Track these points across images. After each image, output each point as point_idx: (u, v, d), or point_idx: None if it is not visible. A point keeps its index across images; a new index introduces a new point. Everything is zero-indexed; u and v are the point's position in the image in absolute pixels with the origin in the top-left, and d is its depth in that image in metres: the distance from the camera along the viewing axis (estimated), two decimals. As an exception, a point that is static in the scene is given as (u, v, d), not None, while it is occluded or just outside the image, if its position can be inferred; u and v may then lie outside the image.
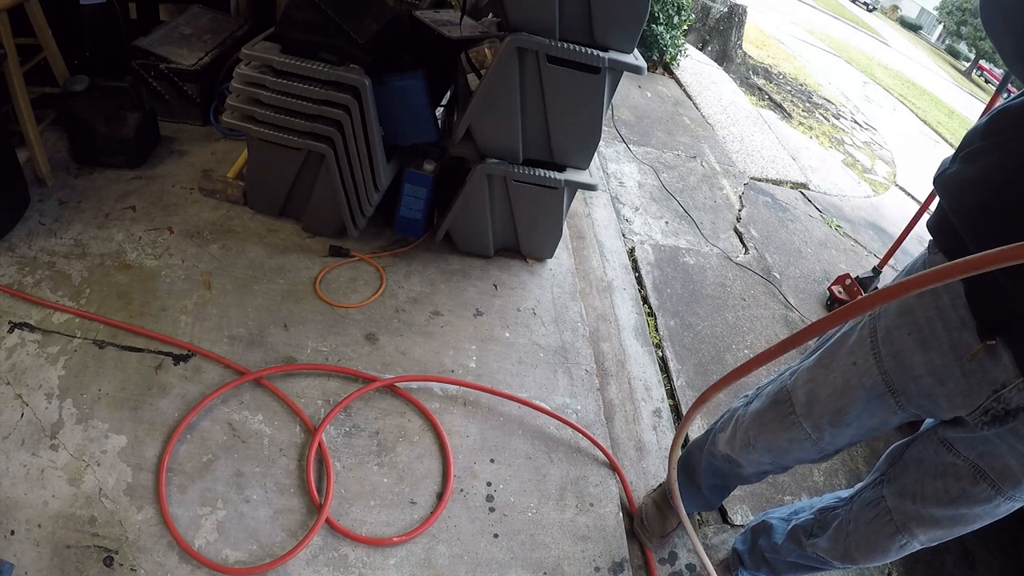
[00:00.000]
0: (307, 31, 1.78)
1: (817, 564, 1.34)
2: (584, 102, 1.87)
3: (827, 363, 1.15)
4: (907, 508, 1.10)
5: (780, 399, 1.24)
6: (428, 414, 1.69)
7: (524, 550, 1.49)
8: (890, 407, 1.07)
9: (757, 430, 1.29)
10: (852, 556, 1.22)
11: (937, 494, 1.03)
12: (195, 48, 2.44)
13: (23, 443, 1.40)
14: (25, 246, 1.84)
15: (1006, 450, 0.93)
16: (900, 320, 1.02)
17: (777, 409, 1.25)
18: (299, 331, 1.81)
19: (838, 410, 1.13)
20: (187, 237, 2.01)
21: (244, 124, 1.91)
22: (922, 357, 0.99)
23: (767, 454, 1.29)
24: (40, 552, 1.24)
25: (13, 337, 1.60)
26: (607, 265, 2.60)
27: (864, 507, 1.20)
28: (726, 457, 1.42)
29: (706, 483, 1.53)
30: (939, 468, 1.03)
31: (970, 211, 0.89)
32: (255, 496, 1.43)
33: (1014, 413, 0.90)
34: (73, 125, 2.11)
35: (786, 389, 1.24)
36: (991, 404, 0.91)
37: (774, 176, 4.05)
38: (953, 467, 1.01)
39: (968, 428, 0.99)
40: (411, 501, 1.51)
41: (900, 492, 1.11)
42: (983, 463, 0.97)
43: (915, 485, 1.08)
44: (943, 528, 1.06)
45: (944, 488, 1.02)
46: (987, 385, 0.92)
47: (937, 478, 1.03)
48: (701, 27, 5.98)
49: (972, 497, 0.99)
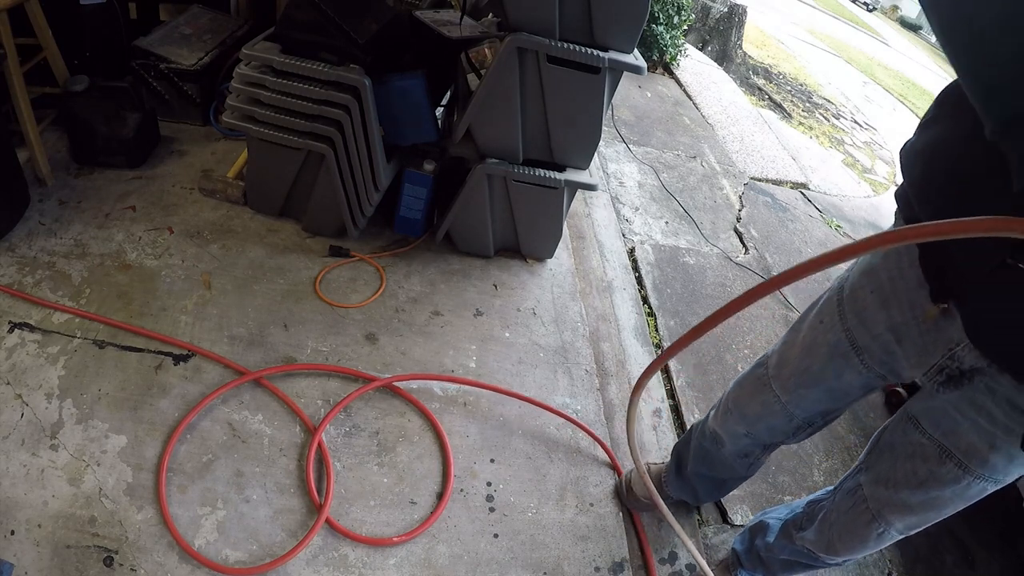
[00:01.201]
0: (307, 31, 1.78)
1: (807, 560, 1.34)
2: (584, 102, 1.87)
3: (798, 327, 1.21)
4: (881, 494, 1.10)
5: (758, 363, 1.32)
6: (428, 414, 1.69)
7: (524, 550, 1.49)
8: (854, 366, 1.08)
9: (735, 394, 1.37)
10: (835, 547, 1.22)
11: (907, 477, 1.03)
12: (195, 48, 2.44)
13: (23, 443, 1.40)
14: (25, 246, 1.84)
15: (968, 427, 0.92)
16: (864, 279, 1.04)
17: (753, 372, 1.33)
18: (299, 331, 1.81)
19: (804, 369, 1.16)
20: (187, 237, 2.01)
21: (244, 124, 1.91)
22: (883, 315, 1.00)
23: (742, 422, 1.34)
24: (40, 552, 1.24)
25: (13, 337, 1.60)
26: (607, 265, 2.60)
27: (844, 496, 1.20)
28: (713, 435, 1.45)
29: (692, 468, 1.54)
30: (908, 450, 1.03)
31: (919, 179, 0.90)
32: (255, 496, 1.43)
33: (968, 375, 0.89)
34: (73, 125, 2.11)
35: (764, 355, 1.31)
36: (946, 363, 0.92)
37: (774, 176, 4.05)
38: (920, 447, 1.01)
39: (928, 395, 0.99)
40: (411, 501, 1.51)
41: (875, 479, 1.11)
42: (948, 441, 0.96)
43: (888, 471, 1.08)
44: (916, 514, 1.06)
45: (913, 470, 1.02)
46: (942, 344, 0.92)
47: (907, 460, 1.03)
48: (701, 27, 5.98)
49: (940, 478, 0.99)
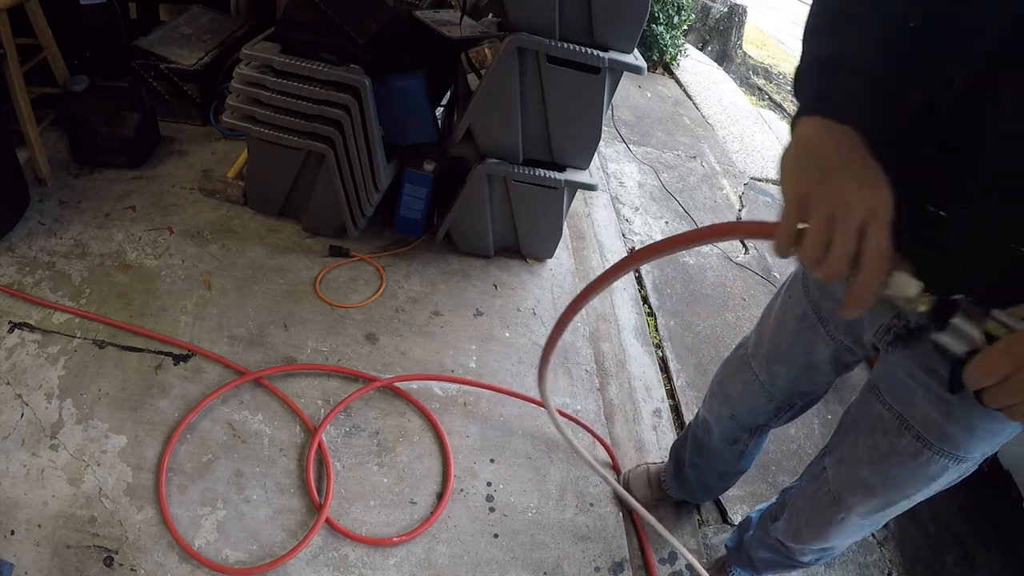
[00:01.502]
0: (307, 31, 1.78)
1: (780, 557, 1.34)
2: (584, 102, 1.87)
3: (772, 303, 1.22)
4: (843, 473, 1.08)
5: (740, 344, 1.34)
6: (428, 414, 1.69)
7: (524, 550, 1.49)
8: (822, 338, 1.08)
9: (719, 376, 1.39)
10: (802, 534, 1.21)
11: (868, 453, 1.01)
12: (195, 48, 2.44)
13: (23, 443, 1.40)
14: (25, 246, 1.84)
15: (922, 395, 0.91)
16: None
17: (735, 352, 1.34)
18: (299, 331, 1.81)
19: (776, 345, 1.17)
20: (187, 237, 2.01)
21: (244, 124, 1.91)
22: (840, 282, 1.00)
23: (726, 404, 1.34)
24: (40, 552, 1.24)
25: (13, 337, 1.60)
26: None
27: (809, 480, 1.19)
28: (704, 422, 1.46)
29: (689, 460, 1.54)
30: (870, 423, 1.02)
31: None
32: (255, 496, 1.43)
33: (916, 333, 0.89)
34: (73, 125, 2.11)
35: (746, 335, 1.33)
36: (893, 321, 0.91)
37: (774, 176, 4.05)
38: (881, 420, 0.99)
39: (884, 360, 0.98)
40: (411, 501, 1.51)
41: (839, 458, 1.09)
42: (906, 412, 0.94)
43: (851, 447, 1.06)
44: (876, 495, 1.03)
45: (874, 445, 1.00)
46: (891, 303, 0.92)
47: (868, 435, 1.02)
48: (701, 27, 5.98)
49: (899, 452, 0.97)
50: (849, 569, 1.80)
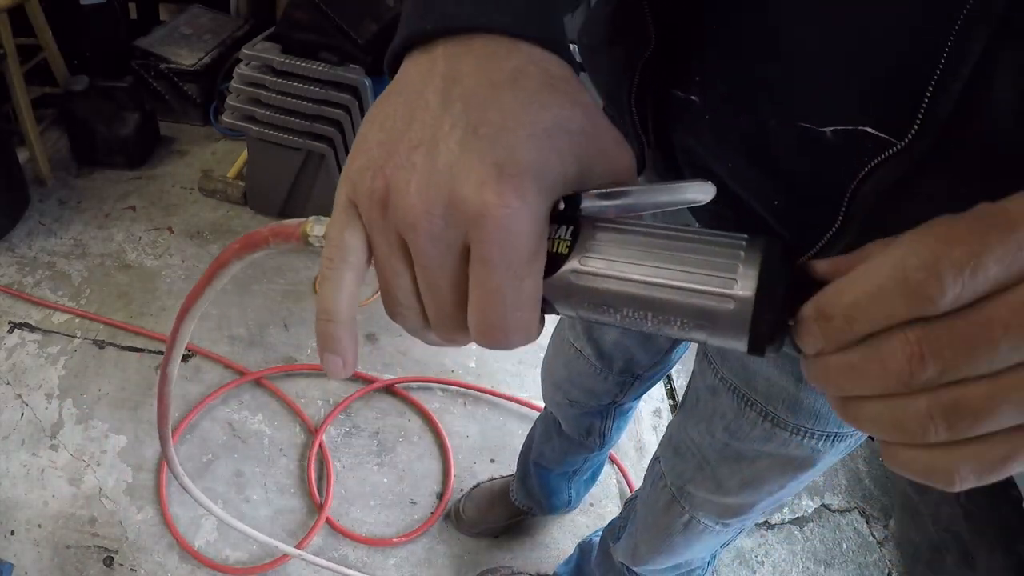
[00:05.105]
0: (307, 31, 1.79)
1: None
2: (584, 102, 1.87)
3: None
4: (680, 464, 0.80)
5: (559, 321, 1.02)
6: (428, 414, 1.69)
7: (524, 550, 1.49)
8: None
9: (544, 359, 1.11)
10: (640, 551, 0.92)
11: (708, 433, 0.74)
12: (195, 48, 2.43)
13: (23, 443, 1.40)
14: (25, 246, 1.84)
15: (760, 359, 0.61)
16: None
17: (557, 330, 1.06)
18: (299, 331, 1.81)
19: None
20: (187, 237, 2.01)
21: (244, 124, 1.91)
22: None
23: (558, 390, 1.07)
24: (40, 552, 1.24)
25: (13, 337, 1.60)
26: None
27: (647, 481, 0.91)
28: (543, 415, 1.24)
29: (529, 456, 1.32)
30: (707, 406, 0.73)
31: None
32: (255, 496, 1.43)
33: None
34: (73, 125, 2.11)
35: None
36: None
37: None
38: (714, 395, 0.71)
39: None
40: (411, 501, 1.51)
41: (675, 450, 0.81)
42: (738, 379, 0.67)
43: (683, 433, 0.79)
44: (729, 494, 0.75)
45: (709, 429, 0.74)
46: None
47: (703, 419, 0.75)
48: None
49: (742, 437, 0.68)
50: (849, 569, 1.80)
